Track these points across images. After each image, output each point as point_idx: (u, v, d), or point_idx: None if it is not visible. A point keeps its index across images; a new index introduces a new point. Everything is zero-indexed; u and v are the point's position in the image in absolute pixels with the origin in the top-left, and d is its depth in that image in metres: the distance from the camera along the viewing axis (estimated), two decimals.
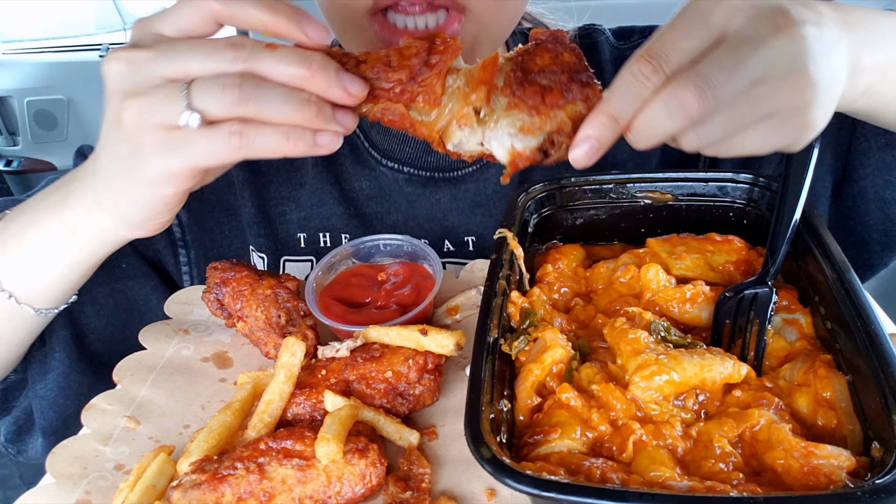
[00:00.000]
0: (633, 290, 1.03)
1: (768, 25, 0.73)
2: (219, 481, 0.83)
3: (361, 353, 1.00)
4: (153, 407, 1.04)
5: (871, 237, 1.33)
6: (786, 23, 0.73)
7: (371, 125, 1.41)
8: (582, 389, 0.86)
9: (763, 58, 0.72)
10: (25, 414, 1.31)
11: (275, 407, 0.94)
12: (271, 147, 0.83)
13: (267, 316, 1.09)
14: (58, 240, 1.01)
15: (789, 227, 0.96)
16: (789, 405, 0.83)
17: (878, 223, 1.31)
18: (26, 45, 5.17)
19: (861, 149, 1.28)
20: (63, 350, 1.26)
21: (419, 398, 0.97)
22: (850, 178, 1.31)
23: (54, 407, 1.27)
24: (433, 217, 1.43)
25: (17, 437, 1.33)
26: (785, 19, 0.74)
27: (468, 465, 0.90)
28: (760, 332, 0.91)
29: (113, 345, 1.32)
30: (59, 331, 1.26)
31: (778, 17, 0.74)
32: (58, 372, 1.26)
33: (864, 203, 1.31)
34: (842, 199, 1.34)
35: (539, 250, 1.15)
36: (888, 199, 1.28)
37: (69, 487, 0.91)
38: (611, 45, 1.50)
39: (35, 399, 1.27)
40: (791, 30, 0.73)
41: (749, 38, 0.72)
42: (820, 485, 0.73)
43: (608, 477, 0.74)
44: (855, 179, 1.30)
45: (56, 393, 1.26)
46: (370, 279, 1.19)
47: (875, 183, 1.28)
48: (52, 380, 1.26)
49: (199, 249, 1.43)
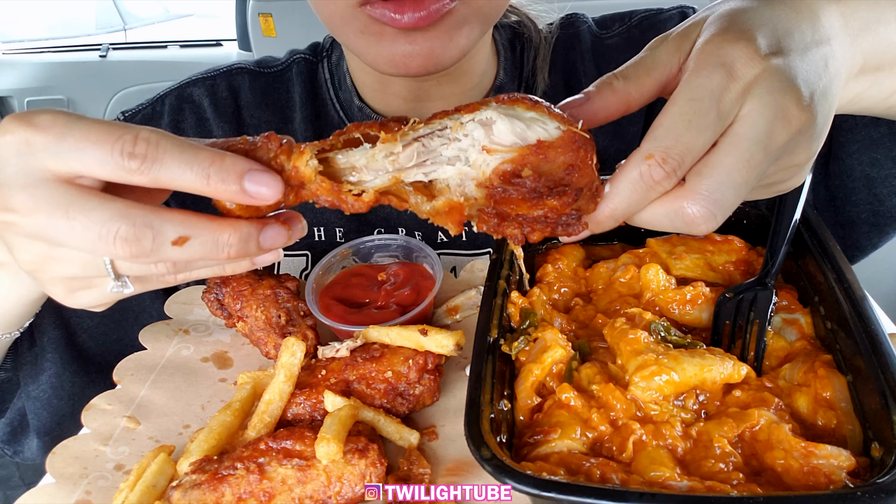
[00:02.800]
0: (633, 290, 1.03)
1: (780, 121, 0.67)
2: (219, 481, 0.83)
3: (361, 353, 1.00)
4: (153, 407, 1.04)
5: (860, 217, 1.31)
6: (798, 116, 0.68)
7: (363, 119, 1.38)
8: (582, 389, 0.86)
9: (772, 157, 0.68)
10: (20, 415, 1.31)
11: (275, 407, 0.94)
12: (212, 275, 0.81)
13: (267, 316, 1.09)
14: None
15: (789, 227, 0.96)
16: (789, 405, 0.83)
17: (866, 202, 1.29)
18: (26, 45, 5.18)
19: (847, 125, 1.25)
20: (55, 350, 1.25)
21: (419, 398, 0.97)
22: (836, 155, 1.29)
23: (48, 407, 1.26)
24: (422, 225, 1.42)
25: (13, 437, 1.33)
26: (798, 110, 0.68)
27: (468, 465, 0.90)
28: (760, 332, 0.91)
29: (107, 344, 1.32)
30: (50, 331, 1.25)
31: (790, 109, 0.67)
32: (50, 373, 1.25)
33: (851, 182, 1.28)
34: (829, 177, 1.32)
35: (539, 250, 1.15)
36: (875, 177, 1.25)
37: (69, 487, 0.91)
38: (592, 34, 1.49)
39: (28, 400, 1.27)
40: (802, 123, 0.68)
41: (760, 138, 0.67)
42: (820, 485, 0.73)
43: (608, 477, 0.74)
44: (842, 157, 1.28)
45: (49, 394, 1.26)
46: (370, 279, 1.19)
47: (862, 161, 1.25)
48: (45, 380, 1.25)
49: None
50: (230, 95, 1.49)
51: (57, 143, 0.67)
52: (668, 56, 0.73)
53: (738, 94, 0.67)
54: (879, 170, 1.24)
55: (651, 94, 0.74)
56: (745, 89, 0.67)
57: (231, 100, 1.49)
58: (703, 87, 0.66)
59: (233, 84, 1.50)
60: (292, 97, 1.50)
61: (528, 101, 0.68)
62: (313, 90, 1.50)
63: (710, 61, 0.67)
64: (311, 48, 1.56)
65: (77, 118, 0.69)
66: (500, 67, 1.45)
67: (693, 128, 0.66)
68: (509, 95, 0.70)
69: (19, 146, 0.68)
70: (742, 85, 0.67)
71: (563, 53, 1.48)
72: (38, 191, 0.68)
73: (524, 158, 0.68)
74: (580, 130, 0.68)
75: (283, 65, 1.53)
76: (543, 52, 1.45)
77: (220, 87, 1.49)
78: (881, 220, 1.29)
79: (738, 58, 0.67)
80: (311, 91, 1.49)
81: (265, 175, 0.68)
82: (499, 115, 0.69)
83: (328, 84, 1.48)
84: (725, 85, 0.66)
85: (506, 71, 1.44)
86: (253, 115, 1.48)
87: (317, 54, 1.53)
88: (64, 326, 1.27)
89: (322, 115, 1.48)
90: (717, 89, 0.66)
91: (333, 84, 1.48)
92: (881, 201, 1.27)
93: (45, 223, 0.69)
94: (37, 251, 0.73)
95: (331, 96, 1.48)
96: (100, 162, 0.66)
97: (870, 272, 2.39)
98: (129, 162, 0.66)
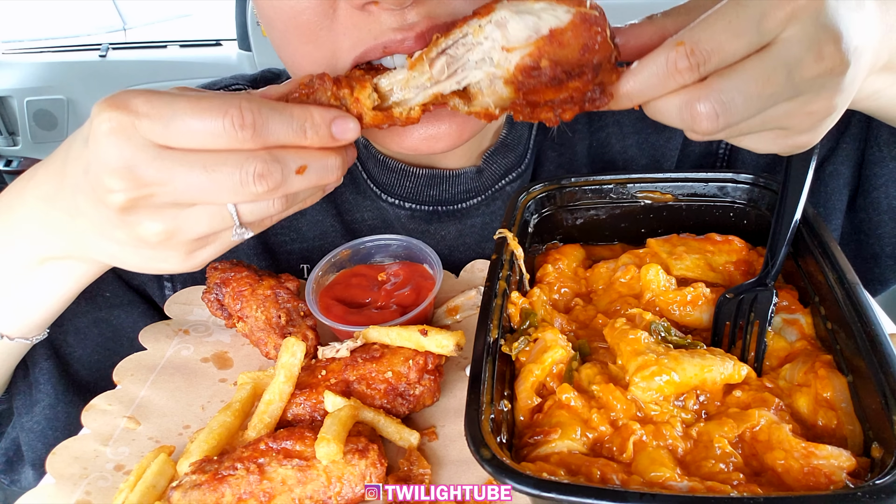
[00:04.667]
0: (633, 291, 1.03)
1: (813, 53, 0.69)
2: (219, 482, 0.83)
3: (361, 353, 1.00)
4: (153, 407, 1.04)
5: (884, 250, 1.30)
6: (832, 56, 0.70)
7: (367, 158, 1.34)
8: (582, 390, 0.86)
9: (794, 88, 0.70)
10: (15, 445, 1.28)
11: (275, 407, 0.94)
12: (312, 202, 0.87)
13: (267, 316, 1.09)
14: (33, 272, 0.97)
15: (789, 228, 0.96)
16: (789, 405, 0.83)
17: (892, 235, 1.27)
18: (26, 45, 5.18)
19: (874, 159, 1.25)
20: (48, 382, 1.23)
21: (419, 398, 0.97)
22: (863, 188, 1.28)
23: (42, 439, 1.24)
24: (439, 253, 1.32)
25: (9, 467, 1.30)
26: (835, 50, 0.69)
27: (468, 466, 0.90)
28: (761, 333, 0.91)
29: (101, 372, 1.26)
30: (42, 362, 1.22)
31: (827, 47, 0.69)
32: (44, 404, 1.23)
33: (877, 215, 1.27)
34: (855, 211, 1.31)
35: (539, 250, 1.15)
36: None
37: (69, 488, 0.91)
38: None
39: (22, 431, 1.24)
40: (834, 65, 0.70)
41: (789, 63, 0.69)
42: (820, 485, 0.73)
43: (608, 477, 0.74)
44: (868, 190, 1.27)
45: (44, 425, 1.23)
46: (370, 279, 1.19)
47: (889, 194, 1.24)
48: (39, 412, 1.23)
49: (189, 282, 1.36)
50: None
51: (165, 129, 0.73)
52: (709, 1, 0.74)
53: (784, 16, 0.68)
54: None
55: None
56: (792, 14, 0.68)
57: None
58: (752, 1, 0.68)
59: None
60: None
61: None
62: None
63: None
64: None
65: (171, 98, 0.74)
66: None
67: (730, 30, 0.68)
68: None
69: (127, 132, 0.73)
70: (790, 9, 0.68)
71: None
72: (165, 160, 0.74)
73: (541, 50, 0.73)
74: (588, 9, 0.71)
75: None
76: None
77: None
78: None
79: None
80: None
81: (347, 120, 0.79)
82: (511, 14, 0.74)
83: None
84: (776, 3, 0.68)
85: None
86: None
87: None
88: (56, 357, 1.24)
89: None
90: (767, 5, 0.68)
91: None
92: None
93: (184, 184, 0.75)
94: (168, 219, 0.79)
95: None
96: (214, 137, 0.73)
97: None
98: (241, 132, 0.73)
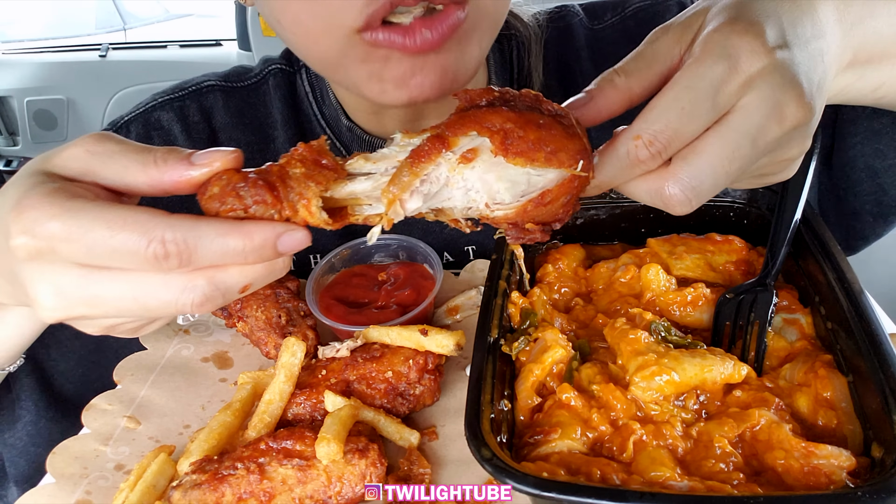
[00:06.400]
0: (633, 291, 1.03)
1: (775, 117, 0.67)
2: (219, 481, 0.83)
3: (362, 353, 1.00)
4: (153, 407, 1.05)
5: (864, 207, 1.30)
6: (794, 114, 0.68)
7: (353, 140, 1.33)
8: (582, 389, 0.86)
9: (761, 152, 0.68)
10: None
11: (275, 407, 0.94)
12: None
13: (267, 316, 1.09)
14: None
15: (789, 228, 0.96)
16: (790, 405, 0.83)
17: (870, 193, 1.28)
18: (26, 45, 5.19)
19: (849, 117, 1.23)
20: (29, 398, 1.21)
21: (419, 398, 0.97)
22: (838, 147, 1.27)
23: (24, 455, 1.23)
24: (431, 230, 1.35)
25: None
26: (796, 107, 0.68)
27: (468, 465, 0.90)
28: (761, 333, 0.91)
29: (86, 385, 1.25)
30: (23, 378, 1.21)
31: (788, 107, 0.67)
32: (26, 420, 1.21)
33: (854, 173, 1.27)
34: (832, 169, 1.31)
35: (539, 250, 1.15)
36: (878, 168, 1.24)
37: (69, 487, 0.91)
38: (584, 27, 1.42)
39: (4, 448, 1.23)
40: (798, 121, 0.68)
41: (751, 132, 0.67)
42: (820, 485, 0.73)
43: (608, 477, 0.74)
44: (844, 149, 1.26)
45: (26, 441, 1.22)
46: (370, 279, 1.19)
47: (864, 152, 1.24)
48: (21, 428, 1.21)
49: None
50: (202, 118, 1.38)
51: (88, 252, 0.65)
52: (669, 48, 0.72)
53: (738, 86, 0.67)
54: (882, 160, 1.23)
55: (654, 88, 0.73)
56: (746, 82, 0.67)
57: (204, 123, 1.37)
58: (704, 77, 0.66)
59: (204, 104, 1.38)
60: (272, 114, 1.39)
61: (526, 155, 0.66)
62: (294, 105, 1.39)
63: (716, 51, 0.67)
64: (286, 56, 1.42)
65: (88, 219, 0.65)
66: (491, 72, 1.35)
67: (685, 115, 0.66)
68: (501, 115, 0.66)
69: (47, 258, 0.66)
70: (744, 78, 0.67)
71: (557, 51, 1.39)
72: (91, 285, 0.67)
73: (526, 213, 0.71)
74: (578, 172, 0.67)
75: (258, 77, 1.41)
76: (535, 49, 1.36)
77: (189, 108, 1.37)
78: (885, 209, 1.29)
79: (744, 50, 0.67)
80: (291, 107, 1.38)
81: (293, 234, 0.68)
82: (497, 179, 0.69)
83: (310, 98, 1.38)
84: (726, 77, 0.66)
85: (497, 75, 1.35)
86: (231, 137, 1.37)
87: (292, 63, 1.41)
88: (38, 371, 1.22)
89: (308, 135, 1.37)
90: (718, 81, 0.66)
91: (315, 98, 1.37)
92: (885, 191, 1.26)
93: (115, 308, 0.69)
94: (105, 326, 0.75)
95: (314, 111, 1.37)
96: (141, 261, 0.65)
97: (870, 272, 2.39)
98: (165, 262, 0.65)
